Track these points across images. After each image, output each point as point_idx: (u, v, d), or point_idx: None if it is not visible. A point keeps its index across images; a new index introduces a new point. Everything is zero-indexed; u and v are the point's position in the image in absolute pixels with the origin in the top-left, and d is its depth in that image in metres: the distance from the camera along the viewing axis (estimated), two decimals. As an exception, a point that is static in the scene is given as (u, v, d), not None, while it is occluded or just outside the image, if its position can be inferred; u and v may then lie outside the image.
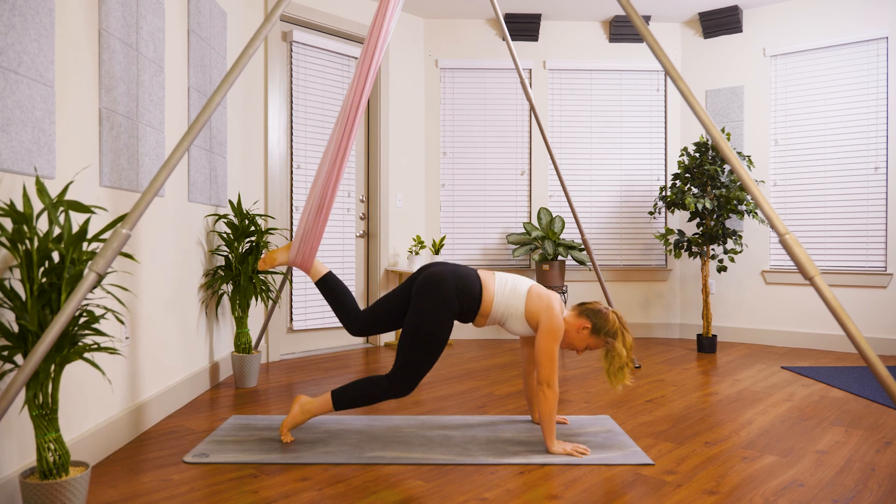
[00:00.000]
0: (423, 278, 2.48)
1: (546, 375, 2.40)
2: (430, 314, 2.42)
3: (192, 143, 2.34)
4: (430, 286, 2.45)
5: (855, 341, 1.78)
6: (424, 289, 2.45)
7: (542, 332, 2.43)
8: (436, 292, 2.43)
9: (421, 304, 2.43)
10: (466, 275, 2.51)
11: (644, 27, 2.09)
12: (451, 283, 2.45)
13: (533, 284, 2.56)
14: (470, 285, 2.48)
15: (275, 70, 4.23)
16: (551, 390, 2.40)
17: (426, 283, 2.46)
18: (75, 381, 2.17)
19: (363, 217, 4.92)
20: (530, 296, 2.50)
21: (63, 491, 1.72)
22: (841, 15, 4.70)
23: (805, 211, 4.86)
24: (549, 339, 2.41)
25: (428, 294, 2.43)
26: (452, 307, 2.45)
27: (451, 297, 2.44)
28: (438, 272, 2.48)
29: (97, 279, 1.76)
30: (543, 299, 2.48)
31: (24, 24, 1.87)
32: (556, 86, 5.35)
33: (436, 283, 2.45)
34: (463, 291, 2.47)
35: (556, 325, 2.42)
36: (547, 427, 2.40)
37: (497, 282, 2.54)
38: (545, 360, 2.41)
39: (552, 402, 2.40)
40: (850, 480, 2.15)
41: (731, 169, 1.94)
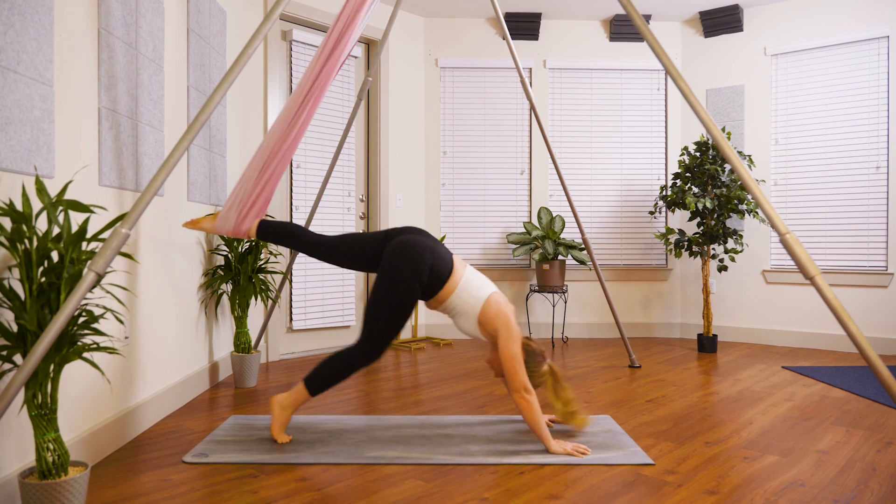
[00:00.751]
0: (400, 244, 2.45)
1: (519, 381, 2.39)
2: (402, 283, 2.40)
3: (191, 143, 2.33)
4: (406, 254, 2.42)
5: (856, 341, 1.77)
6: (400, 256, 2.42)
7: (504, 339, 2.43)
8: (411, 262, 2.41)
9: (393, 271, 2.41)
10: (441, 254, 2.49)
11: (644, 26, 2.08)
12: (427, 258, 2.44)
13: (495, 291, 2.54)
14: (442, 266, 2.47)
15: (274, 69, 4.22)
16: (529, 393, 2.38)
17: (403, 250, 2.43)
18: (74, 381, 2.17)
19: (363, 216, 4.91)
20: (489, 302, 2.49)
21: (62, 491, 1.72)
22: (841, 14, 4.70)
23: (806, 210, 4.85)
24: (511, 344, 2.41)
25: (402, 262, 2.41)
26: (422, 279, 2.43)
27: (423, 270, 2.42)
28: (417, 242, 2.45)
29: (96, 279, 1.76)
30: (503, 309, 2.48)
31: (23, 22, 1.86)
32: (556, 85, 5.34)
33: (415, 253, 2.42)
34: (434, 268, 2.45)
35: (514, 331, 2.44)
36: (539, 430, 2.39)
37: (466, 274, 2.53)
38: (512, 365, 2.40)
39: (534, 404, 2.38)
40: (851, 480, 2.15)
41: (732, 168, 1.94)
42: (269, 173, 2.64)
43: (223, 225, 2.68)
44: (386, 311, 2.40)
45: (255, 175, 2.62)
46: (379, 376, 3.80)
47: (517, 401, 2.40)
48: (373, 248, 2.55)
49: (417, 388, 3.51)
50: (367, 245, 2.56)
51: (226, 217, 2.67)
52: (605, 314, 5.33)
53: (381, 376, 3.80)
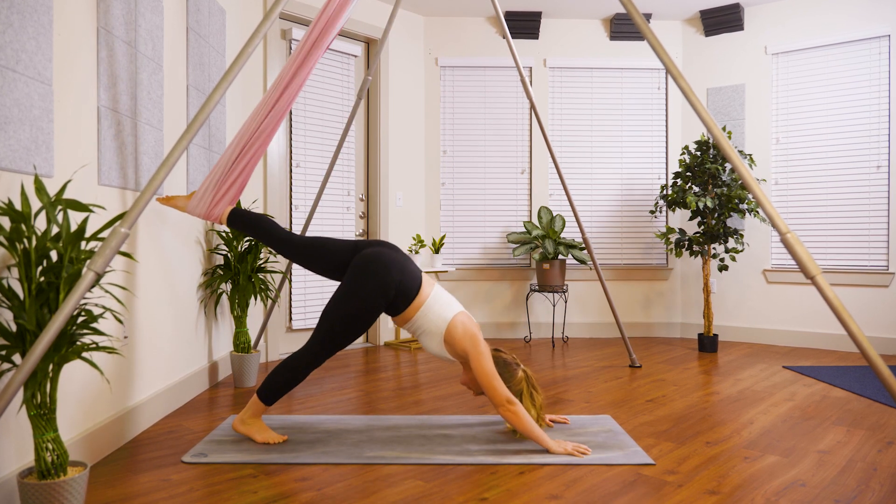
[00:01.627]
0: (370, 256, 2.42)
1: (500, 395, 2.36)
2: (365, 297, 2.37)
3: (190, 142, 2.33)
4: (374, 268, 2.39)
5: (857, 341, 1.77)
6: (367, 268, 2.39)
7: (475, 357, 2.40)
8: (377, 277, 2.38)
9: (358, 283, 2.38)
10: (411, 272, 2.46)
11: (645, 25, 2.08)
12: (396, 275, 2.41)
13: (461, 311, 2.51)
14: (410, 283, 2.44)
15: (274, 68, 4.22)
16: (513, 404, 2.36)
17: (371, 263, 2.40)
18: (73, 381, 2.16)
19: (363, 216, 4.91)
20: (454, 322, 2.46)
21: (61, 491, 1.71)
22: (842, 13, 4.69)
23: (806, 209, 4.85)
24: (483, 361, 2.39)
25: (369, 276, 2.38)
26: (388, 297, 2.41)
27: (389, 288, 2.40)
28: (387, 257, 2.43)
29: (95, 278, 1.75)
30: (469, 329, 2.45)
31: (23, 21, 1.85)
32: (556, 84, 5.33)
33: (382, 267, 2.39)
34: (401, 286, 2.42)
35: (483, 349, 2.42)
36: (534, 436, 2.37)
37: (433, 292, 2.50)
38: (488, 380, 2.38)
39: (521, 414, 2.36)
40: (851, 480, 2.15)
41: (733, 167, 1.93)
42: (244, 160, 2.63)
43: (195, 207, 2.67)
44: (343, 322, 2.38)
45: (230, 161, 2.61)
46: (379, 376, 3.79)
47: (503, 415, 2.38)
48: (341, 255, 2.52)
49: (417, 387, 3.50)
50: (336, 251, 2.52)
51: (199, 199, 2.66)
52: (605, 314, 5.32)
53: (381, 376, 3.79)
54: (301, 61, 2.62)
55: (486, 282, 5.28)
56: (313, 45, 2.62)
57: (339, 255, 2.52)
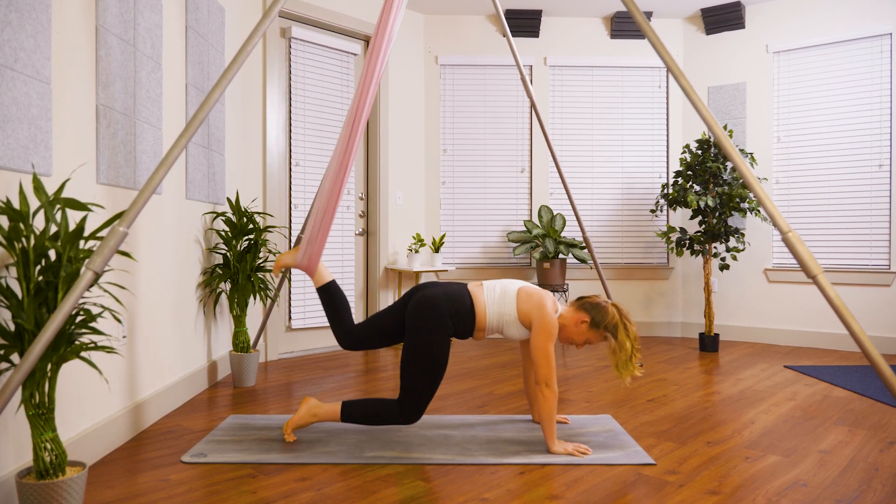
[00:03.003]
0: (416, 303, 2.46)
1: (544, 375, 2.38)
2: (427, 339, 2.40)
3: (189, 141, 2.32)
4: (423, 311, 2.43)
5: (858, 340, 1.76)
6: (418, 314, 2.43)
7: (536, 331, 2.41)
8: (430, 317, 2.42)
9: (416, 329, 2.42)
10: (456, 293, 2.49)
11: (645, 23, 2.07)
12: (444, 306, 2.44)
13: (522, 286, 2.52)
14: (460, 303, 2.46)
15: (273, 67, 4.21)
16: (550, 390, 2.38)
17: (419, 308, 2.44)
18: (72, 381, 2.16)
19: (363, 215, 4.90)
20: (520, 297, 2.47)
21: (60, 491, 1.71)
22: (844, 11, 4.68)
23: (808, 209, 4.84)
24: (543, 338, 2.39)
25: (422, 319, 2.42)
26: (447, 329, 2.43)
27: (444, 320, 2.43)
28: (430, 295, 2.46)
29: (94, 277, 1.74)
30: (534, 298, 2.45)
31: (21, 20, 1.85)
32: (556, 82, 5.32)
33: (429, 306, 2.43)
34: (455, 312, 2.45)
35: (548, 323, 2.40)
36: (547, 427, 2.39)
37: (486, 292, 2.52)
38: (542, 358, 2.39)
39: (552, 401, 2.38)
40: (853, 480, 2.14)
41: (734, 166, 1.92)
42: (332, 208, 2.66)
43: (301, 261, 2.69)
44: (420, 372, 2.41)
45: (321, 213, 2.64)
46: (379, 376, 3.79)
47: (537, 392, 2.39)
48: (395, 320, 2.55)
49: (417, 387, 3.49)
50: (392, 317, 2.55)
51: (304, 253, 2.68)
52: (605, 313, 5.31)
53: (381, 376, 3.79)
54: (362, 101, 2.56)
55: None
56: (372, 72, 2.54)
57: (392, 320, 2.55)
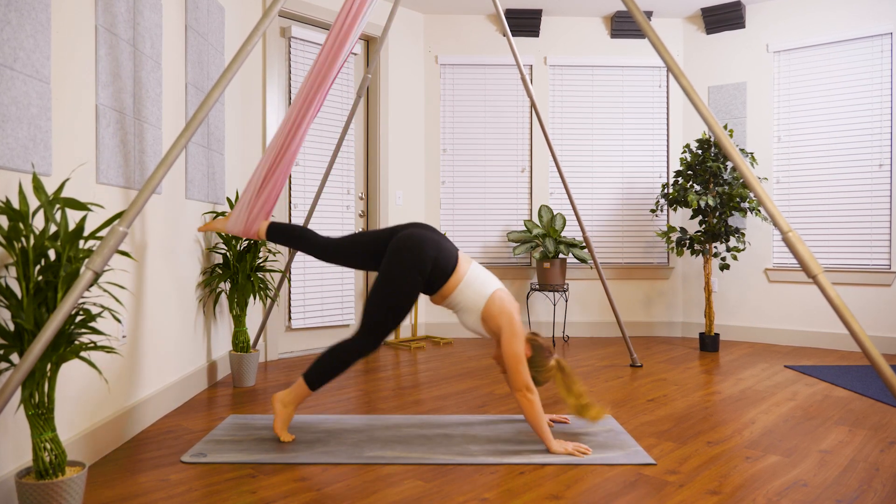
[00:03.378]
0: (404, 238, 2.44)
1: (521, 380, 2.37)
2: (404, 276, 2.39)
3: (189, 140, 2.32)
4: (409, 247, 2.41)
5: (859, 340, 1.75)
6: (402, 249, 2.41)
7: (507, 337, 2.41)
8: (413, 255, 2.40)
9: (396, 264, 2.40)
10: (447, 248, 2.48)
11: (646, 23, 2.06)
12: (431, 251, 2.42)
13: (500, 288, 2.52)
14: (446, 259, 2.46)
15: (273, 66, 4.20)
16: (531, 392, 2.37)
17: (406, 243, 2.42)
18: (72, 381, 2.15)
19: (362, 214, 4.90)
20: (493, 298, 2.47)
21: (59, 491, 1.70)
22: (845, 11, 4.67)
23: (808, 208, 4.83)
24: (514, 342, 2.40)
25: (405, 255, 2.40)
26: (425, 271, 2.42)
27: (426, 263, 2.41)
28: (421, 236, 2.45)
29: (94, 277, 1.74)
30: (507, 306, 2.45)
31: (21, 19, 1.84)
32: (557, 82, 5.32)
33: (418, 244, 2.41)
34: (437, 262, 2.44)
35: (517, 329, 2.42)
36: (540, 429, 2.37)
37: (470, 269, 2.52)
38: (516, 364, 2.38)
39: (536, 404, 2.36)
40: (853, 480, 2.14)
41: (734, 166, 1.92)
42: (274, 177, 2.73)
43: (234, 225, 2.79)
44: (386, 305, 2.39)
45: (262, 176, 2.72)
46: (378, 375, 3.78)
47: (519, 399, 2.38)
48: (378, 244, 2.55)
49: (417, 387, 3.49)
50: (373, 242, 2.55)
51: (237, 218, 2.78)
52: (606, 313, 5.31)
53: (381, 375, 3.78)
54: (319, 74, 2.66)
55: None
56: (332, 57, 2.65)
57: (375, 244, 2.55)
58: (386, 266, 2.42)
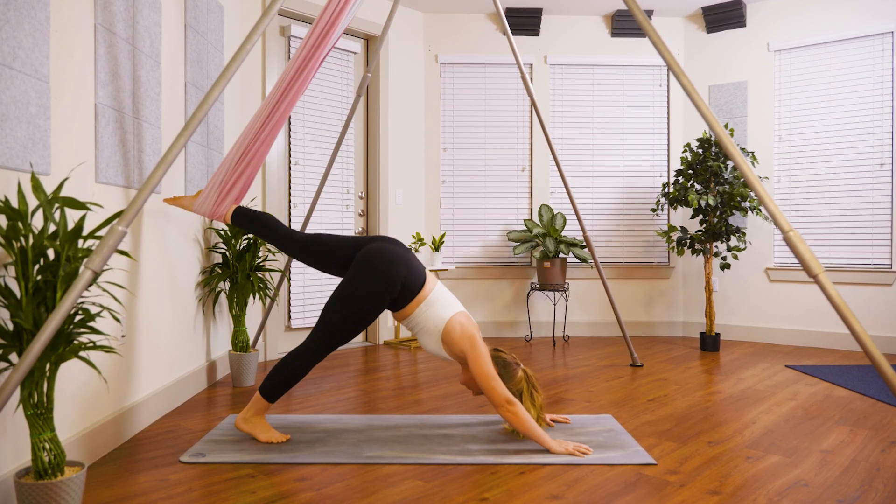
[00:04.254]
0: (377, 251, 2.40)
1: (499, 396, 2.35)
2: (370, 293, 2.35)
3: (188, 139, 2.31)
4: (378, 265, 2.37)
5: (860, 339, 1.75)
6: (371, 265, 2.37)
7: (473, 359, 2.39)
8: (382, 274, 2.36)
9: (363, 278, 2.36)
10: (416, 268, 2.45)
11: (646, 22, 2.06)
12: (402, 270, 2.39)
13: (461, 311, 2.49)
14: (414, 278, 2.43)
15: (272, 65, 4.20)
16: (512, 405, 2.34)
17: (377, 258, 2.38)
18: (71, 380, 2.15)
19: (362, 214, 4.89)
20: (452, 322, 2.44)
21: (58, 491, 1.70)
22: (846, 9, 4.66)
23: (809, 208, 4.83)
24: (481, 362, 2.38)
25: (374, 273, 2.36)
26: (393, 293, 2.39)
27: (395, 284, 2.38)
28: (392, 253, 2.41)
29: (93, 277, 1.74)
30: (467, 330, 2.43)
31: (19, 18, 1.84)
32: (557, 81, 5.31)
33: (387, 264, 2.37)
34: (406, 281, 2.41)
35: (482, 350, 2.40)
36: (535, 435, 2.35)
37: (434, 291, 2.48)
38: (489, 382, 2.36)
39: (521, 413, 2.34)
40: (854, 480, 2.13)
41: (735, 165, 1.91)
42: (247, 159, 2.69)
43: (201, 205, 2.75)
44: (345, 318, 2.36)
45: (234, 160, 2.68)
46: (378, 375, 3.78)
47: (503, 415, 2.36)
48: (343, 251, 2.51)
49: (417, 387, 3.49)
50: (338, 248, 2.51)
51: (205, 198, 2.74)
52: (606, 312, 5.31)
53: (381, 375, 3.78)
54: (302, 63, 2.64)
55: (487, 280, 5.26)
56: (315, 46, 2.63)
57: (341, 250, 2.52)
58: (352, 280, 2.38)
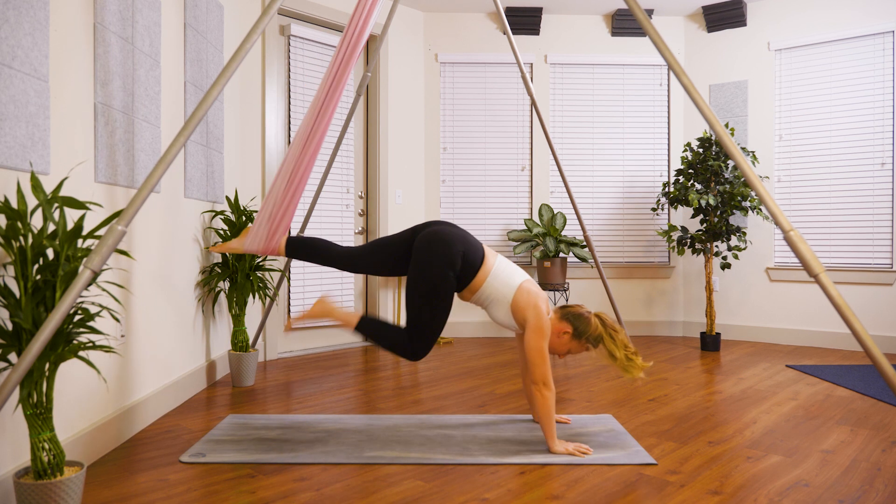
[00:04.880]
0: (430, 235, 2.41)
1: (540, 374, 2.36)
2: (436, 275, 2.35)
3: (188, 139, 2.31)
4: (437, 245, 2.38)
5: (860, 339, 1.74)
6: (430, 247, 2.38)
7: (530, 330, 2.39)
8: (441, 254, 2.37)
9: (425, 264, 2.37)
10: (473, 243, 2.45)
11: (646, 21, 2.05)
12: (459, 246, 2.40)
13: (527, 279, 2.51)
14: (473, 253, 2.43)
15: (272, 64, 4.19)
16: (547, 389, 2.36)
17: (433, 241, 2.39)
18: (70, 380, 2.15)
19: (362, 213, 4.89)
20: (521, 289, 2.45)
21: (57, 491, 1.70)
22: (847, 8, 4.66)
23: (810, 207, 4.82)
24: (537, 337, 2.38)
25: (433, 254, 2.37)
26: (455, 268, 2.39)
27: (455, 259, 2.38)
28: (447, 232, 2.42)
29: (92, 276, 1.73)
30: (532, 296, 2.44)
31: (18, 17, 1.83)
32: (557, 80, 5.31)
33: (443, 242, 2.38)
34: (466, 257, 2.41)
35: (543, 324, 2.39)
36: (547, 426, 2.37)
37: (497, 262, 2.50)
38: (537, 357, 2.37)
39: (549, 400, 2.36)
40: (855, 480, 2.13)
41: (735, 164, 1.91)
42: (293, 187, 2.63)
43: (252, 243, 2.66)
44: (425, 306, 2.37)
45: (281, 190, 2.60)
46: (378, 375, 3.78)
47: (534, 392, 2.37)
48: (402, 247, 2.51)
49: (417, 386, 3.49)
50: (395, 245, 2.51)
51: (255, 235, 2.65)
52: (607, 312, 5.30)
53: (381, 375, 3.78)
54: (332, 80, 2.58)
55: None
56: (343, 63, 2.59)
57: (400, 246, 2.51)
58: (416, 266, 2.39)
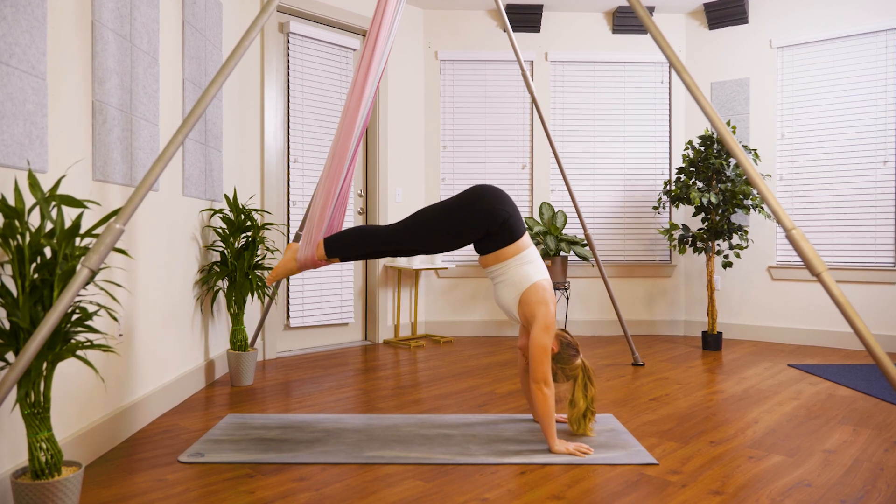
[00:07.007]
0: (487, 186, 2.45)
1: (541, 372, 2.35)
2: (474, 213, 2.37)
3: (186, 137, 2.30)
4: (488, 195, 2.40)
5: (863, 338, 1.73)
6: (482, 191, 2.41)
7: (538, 327, 2.38)
8: (490, 203, 2.38)
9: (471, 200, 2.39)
10: (519, 217, 2.48)
11: (648, 18, 2.04)
12: (508, 209, 2.41)
13: (546, 278, 2.50)
14: (516, 226, 2.44)
15: (271, 62, 4.18)
16: (548, 387, 2.35)
17: (488, 191, 2.42)
18: (68, 379, 2.14)
19: (361, 212, 4.87)
20: (537, 284, 2.44)
21: (55, 491, 1.69)
22: (848, 6, 4.64)
23: (812, 206, 4.81)
24: (543, 333, 2.37)
25: (483, 198, 2.39)
26: (492, 224, 2.39)
27: (498, 217, 2.39)
28: (503, 193, 2.45)
29: (90, 275, 1.72)
30: (546, 294, 2.43)
31: (16, 14, 1.82)
32: (558, 78, 5.29)
33: (497, 198, 2.40)
34: (508, 224, 2.42)
35: (550, 322, 2.39)
36: (547, 426, 2.36)
37: (531, 249, 2.50)
38: (539, 354, 2.36)
39: (549, 399, 2.35)
40: (858, 480, 2.11)
41: (737, 163, 1.90)
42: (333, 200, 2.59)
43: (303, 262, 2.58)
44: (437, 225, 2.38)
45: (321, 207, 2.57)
46: (378, 374, 3.77)
47: (534, 391, 2.36)
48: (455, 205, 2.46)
49: (417, 386, 3.48)
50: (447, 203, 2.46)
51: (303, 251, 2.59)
52: (607, 311, 5.29)
53: (380, 374, 3.77)
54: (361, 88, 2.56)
55: (487, 279, 5.24)
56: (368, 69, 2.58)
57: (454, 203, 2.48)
58: (460, 200, 2.41)
